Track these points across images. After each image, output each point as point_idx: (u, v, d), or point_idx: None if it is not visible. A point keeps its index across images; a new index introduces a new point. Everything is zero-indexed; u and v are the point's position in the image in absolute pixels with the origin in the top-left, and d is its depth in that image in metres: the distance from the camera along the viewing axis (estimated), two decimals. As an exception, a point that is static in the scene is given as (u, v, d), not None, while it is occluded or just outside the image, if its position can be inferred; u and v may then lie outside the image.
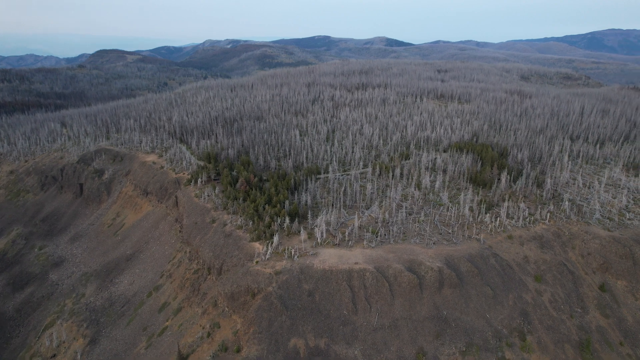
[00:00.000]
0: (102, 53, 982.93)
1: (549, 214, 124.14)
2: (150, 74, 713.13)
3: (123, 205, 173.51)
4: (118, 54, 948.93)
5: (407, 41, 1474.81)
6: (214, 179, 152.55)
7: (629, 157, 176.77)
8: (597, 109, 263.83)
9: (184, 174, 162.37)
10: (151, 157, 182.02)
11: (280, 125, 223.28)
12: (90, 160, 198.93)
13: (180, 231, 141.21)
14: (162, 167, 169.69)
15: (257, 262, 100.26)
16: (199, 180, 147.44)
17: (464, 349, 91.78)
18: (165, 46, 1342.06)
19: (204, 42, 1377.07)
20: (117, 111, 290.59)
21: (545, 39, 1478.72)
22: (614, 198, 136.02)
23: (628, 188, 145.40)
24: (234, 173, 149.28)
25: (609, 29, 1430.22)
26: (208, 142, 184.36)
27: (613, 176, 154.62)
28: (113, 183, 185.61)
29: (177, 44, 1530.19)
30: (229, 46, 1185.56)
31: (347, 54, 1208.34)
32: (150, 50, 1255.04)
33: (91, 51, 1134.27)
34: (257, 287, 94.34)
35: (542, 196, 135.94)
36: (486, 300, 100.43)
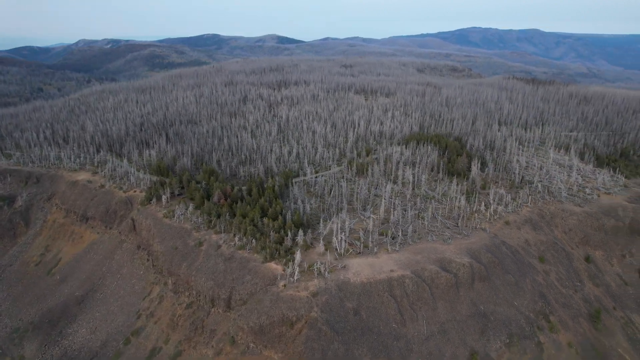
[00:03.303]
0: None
1: (529, 197, 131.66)
2: (18, 79, 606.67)
3: (53, 236, 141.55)
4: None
5: (297, 38, 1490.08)
6: (178, 195, 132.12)
7: (554, 138, 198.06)
8: (502, 97, 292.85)
9: (134, 191, 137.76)
10: (83, 175, 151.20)
11: (220, 127, 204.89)
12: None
13: (148, 260, 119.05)
14: (102, 186, 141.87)
15: (284, 285, 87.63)
16: (164, 197, 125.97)
17: (508, 341, 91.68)
18: (27, 46, 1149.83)
19: (77, 42, 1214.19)
20: (1, 123, 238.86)
21: (422, 35, 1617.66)
22: (570, 177, 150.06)
23: (570, 166, 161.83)
24: (203, 185, 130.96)
25: (472, 27, 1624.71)
26: (151, 152, 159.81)
27: (556, 157, 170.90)
28: (31, 211, 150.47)
29: (42, 44, 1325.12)
30: (108, 46, 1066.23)
31: (240, 52, 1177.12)
32: (8, 51, 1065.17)
33: None
34: (296, 315, 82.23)
35: (513, 181, 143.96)
36: (510, 288, 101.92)
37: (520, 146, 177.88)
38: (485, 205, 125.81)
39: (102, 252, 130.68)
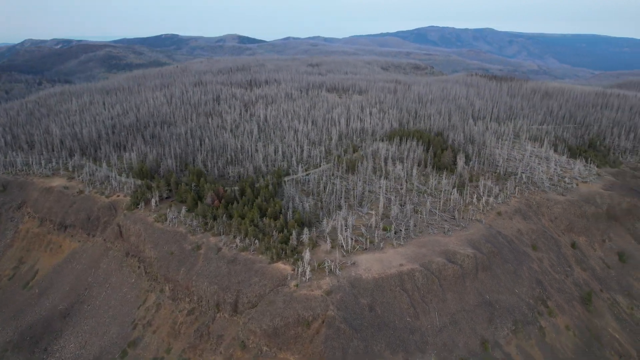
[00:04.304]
0: None
1: (516, 188, 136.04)
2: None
3: (27, 247, 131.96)
4: None
5: (259, 38, 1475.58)
6: (166, 198, 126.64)
7: (527, 132, 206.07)
8: (471, 94, 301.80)
9: (118, 196, 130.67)
10: (57, 181, 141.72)
11: (199, 128, 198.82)
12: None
13: (140, 267, 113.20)
14: (81, 192, 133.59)
15: (296, 285, 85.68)
16: (153, 200, 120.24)
17: (514, 328, 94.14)
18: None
19: (22, 42, 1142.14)
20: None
21: (382, 34, 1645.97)
22: (549, 168, 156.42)
23: (547, 158, 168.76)
24: (193, 187, 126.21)
25: (429, 26, 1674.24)
26: (132, 155, 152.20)
27: (532, 149, 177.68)
28: (0, 221, 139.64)
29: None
30: (58, 47, 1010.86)
31: (200, 53, 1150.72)
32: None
33: None
34: (312, 314, 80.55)
35: (499, 173, 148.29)
36: (510, 277, 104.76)
37: (499, 140, 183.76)
38: (477, 197, 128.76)
39: (85, 261, 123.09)
